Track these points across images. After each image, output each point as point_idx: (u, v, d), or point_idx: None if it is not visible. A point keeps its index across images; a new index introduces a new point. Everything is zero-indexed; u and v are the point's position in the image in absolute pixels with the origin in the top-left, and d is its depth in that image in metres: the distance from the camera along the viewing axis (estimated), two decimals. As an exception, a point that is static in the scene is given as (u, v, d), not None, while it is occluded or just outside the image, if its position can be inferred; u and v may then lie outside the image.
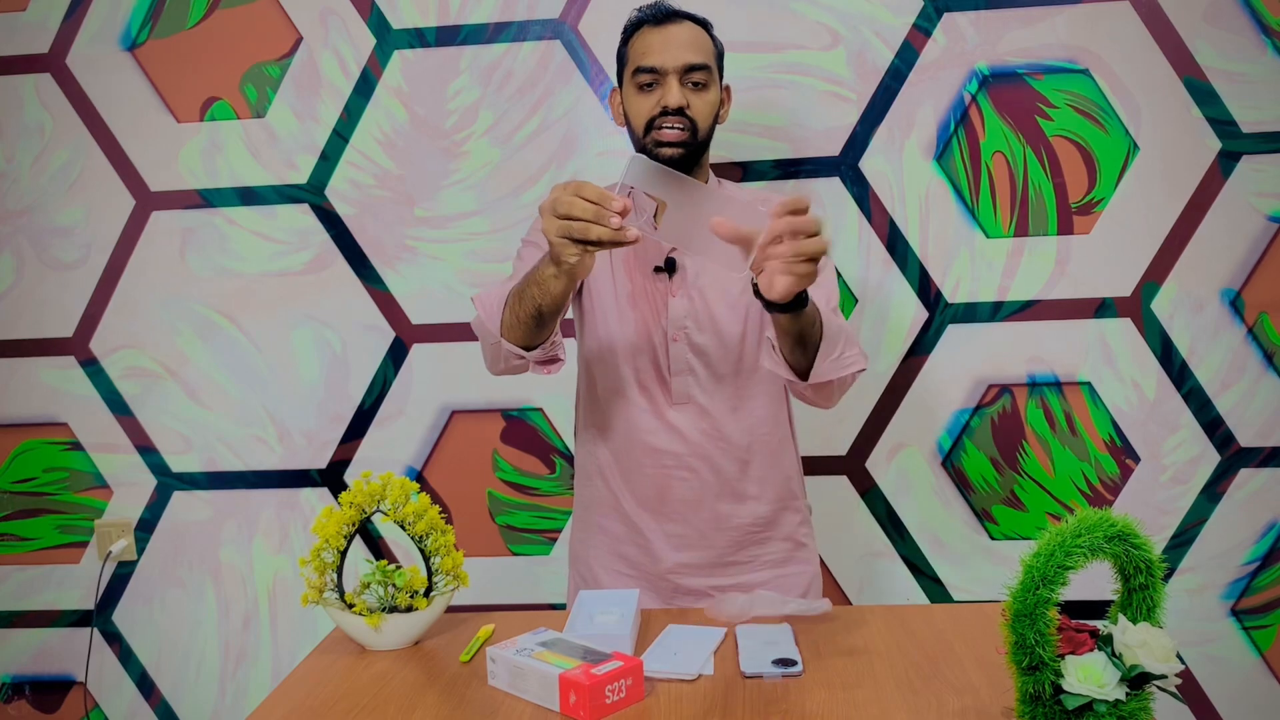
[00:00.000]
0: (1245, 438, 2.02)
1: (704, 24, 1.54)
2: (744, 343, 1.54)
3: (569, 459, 2.16)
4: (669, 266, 1.54)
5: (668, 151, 1.48)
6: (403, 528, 1.37)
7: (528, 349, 1.41)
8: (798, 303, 1.25)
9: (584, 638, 1.23)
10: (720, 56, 1.56)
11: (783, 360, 1.38)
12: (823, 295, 1.48)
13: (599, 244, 1.19)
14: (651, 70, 1.48)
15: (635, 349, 1.54)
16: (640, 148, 1.52)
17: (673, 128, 1.48)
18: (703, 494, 1.55)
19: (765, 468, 1.57)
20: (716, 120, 1.55)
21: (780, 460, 1.59)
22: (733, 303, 1.53)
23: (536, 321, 1.36)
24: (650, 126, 1.49)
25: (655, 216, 1.55)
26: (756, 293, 1.24)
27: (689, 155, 1.50)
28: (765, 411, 1.56)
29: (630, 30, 1.55)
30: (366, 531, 2.20)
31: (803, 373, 1.38)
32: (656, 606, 1.56)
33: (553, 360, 1.47)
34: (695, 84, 1.49)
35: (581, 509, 1.66)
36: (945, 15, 2.00)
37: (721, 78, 1.56)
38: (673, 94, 1.47)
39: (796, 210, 1.15)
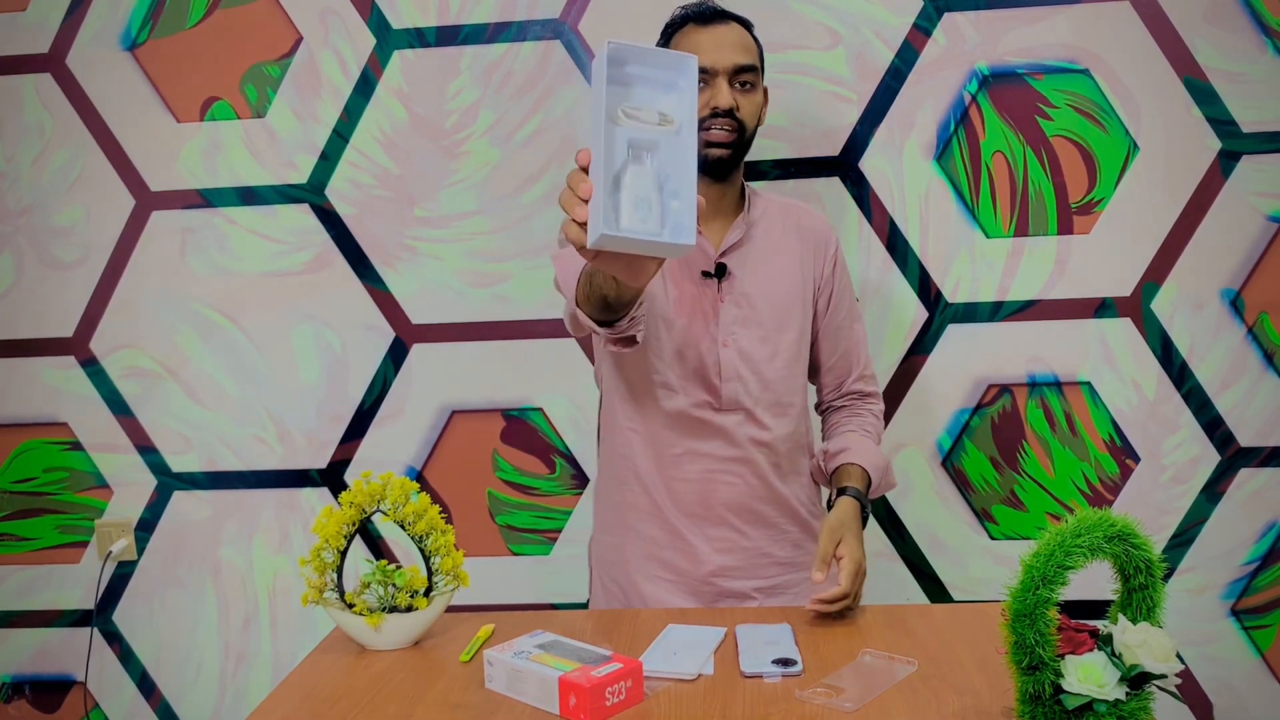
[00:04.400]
0: (1245, 438, 2.02)
1: (747, 25, 1.53)
2: (779, 342, 1.55)
3: (569, 459, 2.16)
4: (719, 272, 1.53)
5: (716, 152, 1.48)
6: (403, 528, 1.38)
7: (602, 323, 1.30)
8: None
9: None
10: (762, 58, 1.55)
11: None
12: (852, 322, 1.65)
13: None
14: (702, 70, 1.45)
15: (683, 355, 1.52)
16: None
17: (722, 129, 1.47)
18: (746, 496, 1.55)
19: (796, 469, 1.59)
20: (758, 122, 1.55)
21: (804, 462, 1.61)
22: (776, 303, 1.54)
23: (604, 306, 1.25)
24: (699, 127, 1.47)
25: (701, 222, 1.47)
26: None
27: (734, 158, 1.50)
28: (799, 413, 1.59)
29: (674, 28, 1.53)
30: (366, 531, 2.20)
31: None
32: (699, 609, 1.54)
33: (628, 341, 1.35)
34: (743, 84, 1.49)
35: (612, 514, 1.62)
36: (945, 15, 2.00)
37: (763, 78, 1.55)
38: (723, 95, 1.46)
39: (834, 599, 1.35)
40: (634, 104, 0.94)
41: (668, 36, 1.54)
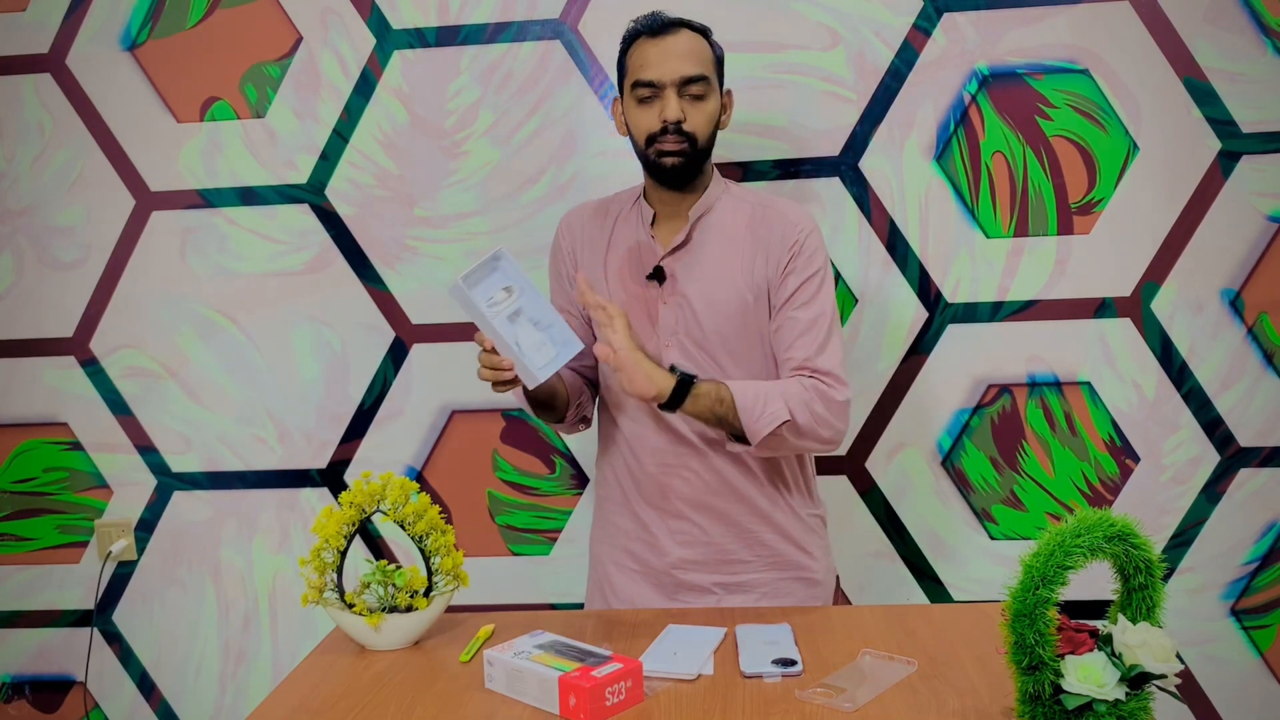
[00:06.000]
0: (1245, 438, 2.02)
1: (702, 31, 1.54)
2: (731, 351, 1.55)
3: (569, 459, 2.16)
4: (658, 274, 1.55)
5: (669, 161, 1.51)
6: (403, 528, 1.38)
7: (555, 420, 1.63)
8: (679, 393, 1.42)
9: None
10: (720, 63, 1.56)
11: (730, 439, 1.51)
12: (811, 314, 1.53)
13: (512, 383, 1.44)
14: (649, 84, 1.50)
15: None
16: (644, 159, 1.55)
17: (671, 141, 1.49)
18: (703, 493, 1.57)
19: (766, 470, 1.58)
20: (718, 127, 1.56)
21: (785, 463, 1.60)
22: (716, 309, 1.54)
23: (543, 406, 1.58)
24: (651, 140, 1.51)
25: (653, 224, 1.57)
26: (659, 406, 1.45)
27: (688, 166, 1.52)
28: None
29: (628, 42, 1.55)
30: (366, 531, 2.20)
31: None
32: (660, 603, 1.58)
33: (582, 421, 1.68)
34: (693, 96, 1.50)
35: (598, 507, 1.71)
36: (945, 15, 2.00)
37: (722, 84, 1.57)
38: (671, 107, 1.48)
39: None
40: (492, 296, 1.43)
41: (624, 50, 1.56)
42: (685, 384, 1.43)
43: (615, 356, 1.40)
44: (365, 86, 2.11)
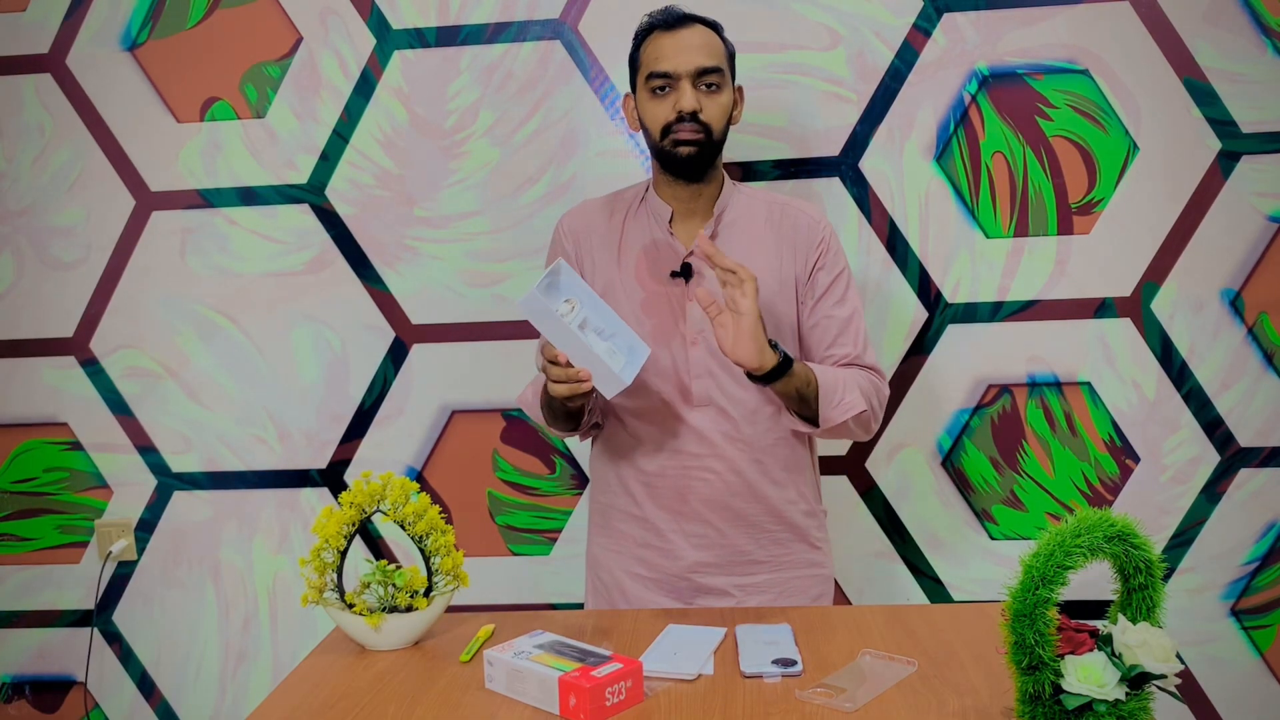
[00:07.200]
0: (1245, 438, 2.02)
1: (715, 26, 1.56)
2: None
3: (569, 459, 2.16)
4: (685, 271, 1.54)
5: (685, 151, 1.51)
6: (403, 528, 1.38)
7: (573, 429, 1.62)
8: (777, 372, 1.40)
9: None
10: (732, 58, 1.58)
11: (795, 417, 1.51)
12: (846, 312, 1.57)
13: (585, 395, 1.42)
14: (665, 75, 1.50)
15: (654, 354, 1.54)
16: (657, 151, 1.54)
17: (687, 131, 1.50)
18: (722, 493, 1.56)
19: (782, 468, 1.58)
20: (730, 121, 1.56)
21: (798, 461, 1.60)
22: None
23: (568, 417, 1.56)
24: (666, 131, 1.51)
25: (670, 222, 1.57)
26: (749, 375, 1.42)
27: (703, 156, 1.52)
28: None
29: (641, 36, 1.56)
30: (366, 531, 2.20)
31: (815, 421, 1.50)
32: (677, 608, 1.57)
33: (595, 426, 1.65)
34: (708, 86, 1.51)
35: (599, 515, 1.67)
36: (945, 15, 2.00)
37: (734, 79, 1.58)
38: (686, 98, 1.49)
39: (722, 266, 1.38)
40: (557, 309, 1.39)
41: (637, 44, 1.57)
42: (786, 362, 1.42)
43: (737, 320, 1.36)
44: (365, 86, 2.11)
